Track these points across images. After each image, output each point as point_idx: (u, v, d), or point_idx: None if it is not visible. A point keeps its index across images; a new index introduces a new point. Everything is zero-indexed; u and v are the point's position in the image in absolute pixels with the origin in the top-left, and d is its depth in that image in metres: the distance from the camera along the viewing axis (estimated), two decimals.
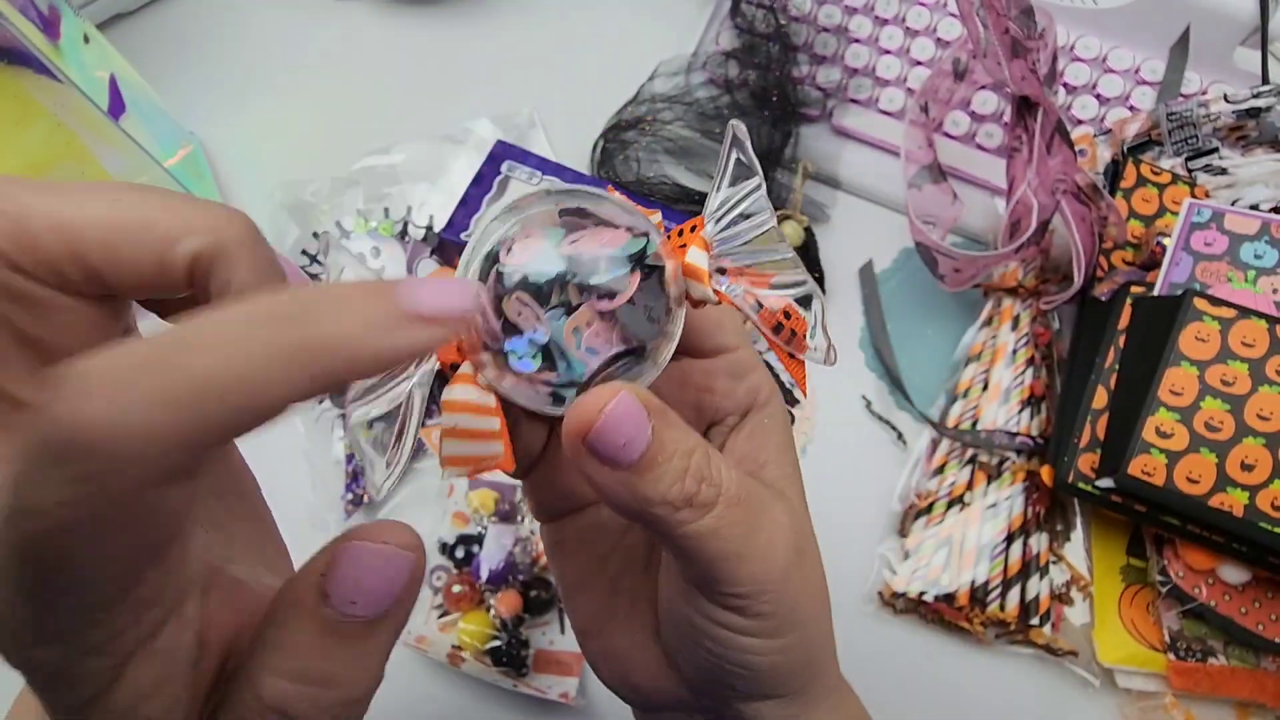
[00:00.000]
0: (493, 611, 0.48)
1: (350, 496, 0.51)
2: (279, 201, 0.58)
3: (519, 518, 0.50)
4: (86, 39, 0.51)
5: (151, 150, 0.50)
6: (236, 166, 0.61)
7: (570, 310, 0.21)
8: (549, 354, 0.21)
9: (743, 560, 0.22)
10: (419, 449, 0.52)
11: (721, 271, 0.23)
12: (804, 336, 0.23)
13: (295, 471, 0.53)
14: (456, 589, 0.48)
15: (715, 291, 0.22)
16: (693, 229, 0.23)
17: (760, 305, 0.23)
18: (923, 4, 0.62)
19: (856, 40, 0.62)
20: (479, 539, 0.49)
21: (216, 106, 0.62)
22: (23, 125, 0.45)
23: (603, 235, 0.22)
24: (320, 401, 0.52)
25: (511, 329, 0.21)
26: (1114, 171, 0.56)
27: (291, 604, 0.17)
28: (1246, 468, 0.42)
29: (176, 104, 0.58)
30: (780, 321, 0.23)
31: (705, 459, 0.21)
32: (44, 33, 0.45)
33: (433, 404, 0.56)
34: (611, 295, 0.22)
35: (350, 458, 0.52)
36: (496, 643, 0.47)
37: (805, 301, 0.23)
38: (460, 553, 0.49)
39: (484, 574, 0.47)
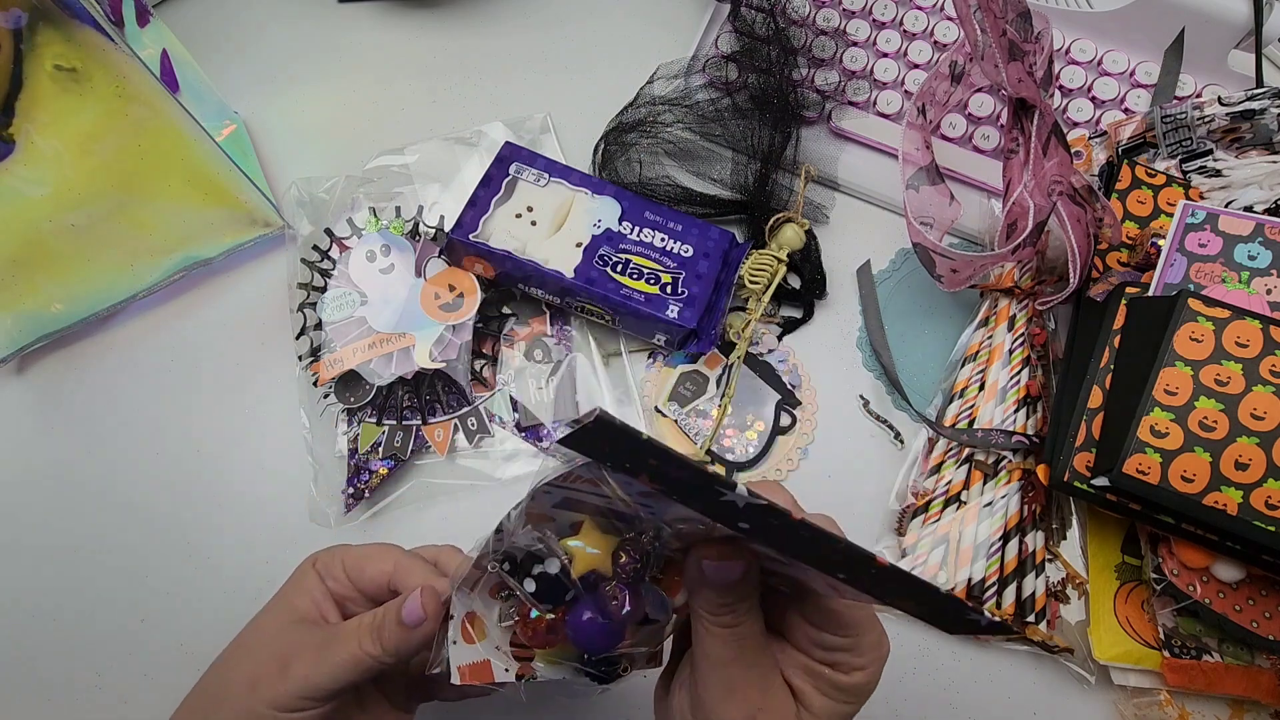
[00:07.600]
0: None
1: (351, 490, 0.51)
2: (294, 198, 0.58)
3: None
4: (139, 20, 0.52)
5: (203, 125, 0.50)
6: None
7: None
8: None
9: None
10: (420, 446, 0.52)
11: None
12: None
13: (298, 465, 0.53)
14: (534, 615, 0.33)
15: None
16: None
17: None
18: (920, 8, 0.63)
19: (855, 43, 0.63)
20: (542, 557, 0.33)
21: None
22: (84, 97, 0.46)
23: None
24: (325, 396, 0.53)
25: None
26: (1109, 173, 0.56)
27: None
28: (1241, 467, 0.43)
29: None
30: None
31: None
32: (110, 19, 0.46)
33: (435, 401, 0.55)
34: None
35: (353, 452, 0.52)
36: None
37: None
38: (534, 585, 0.32)
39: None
